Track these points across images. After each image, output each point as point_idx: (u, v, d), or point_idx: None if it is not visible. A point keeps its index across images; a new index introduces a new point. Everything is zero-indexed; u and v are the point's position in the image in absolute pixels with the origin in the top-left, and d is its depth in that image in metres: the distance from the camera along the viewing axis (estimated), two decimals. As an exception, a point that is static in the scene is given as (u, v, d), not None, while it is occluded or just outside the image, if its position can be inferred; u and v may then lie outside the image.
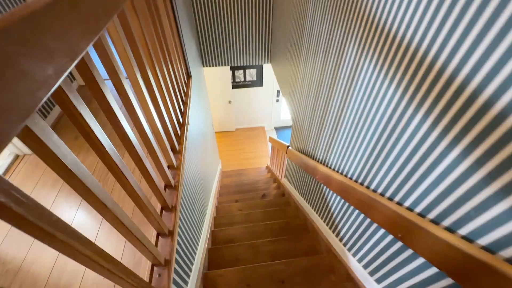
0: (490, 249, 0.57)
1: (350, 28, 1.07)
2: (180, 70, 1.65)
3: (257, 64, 3.34)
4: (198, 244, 1.62)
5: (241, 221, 2.29)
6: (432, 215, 0.73)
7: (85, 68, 0.55)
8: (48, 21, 0.39)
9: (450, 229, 0.67)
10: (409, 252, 0.86)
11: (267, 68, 5.00)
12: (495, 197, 0.55)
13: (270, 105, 5.66)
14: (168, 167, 1.21)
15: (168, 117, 1.20)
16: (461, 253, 0.61)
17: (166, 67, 1.26)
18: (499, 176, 0.53)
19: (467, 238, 0.62)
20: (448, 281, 0.71)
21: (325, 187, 1.57)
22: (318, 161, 1.65)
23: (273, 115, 5.84)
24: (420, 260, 0.81)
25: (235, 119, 5.76)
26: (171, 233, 1.06)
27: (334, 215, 1.48)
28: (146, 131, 0.85)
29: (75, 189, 0.51)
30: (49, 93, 0.39)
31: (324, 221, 1.66)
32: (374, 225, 1.07)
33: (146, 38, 0.95)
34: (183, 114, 1.59)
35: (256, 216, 2.31)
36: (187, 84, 1.91)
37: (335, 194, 1.42)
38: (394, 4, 0.77)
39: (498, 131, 0.52)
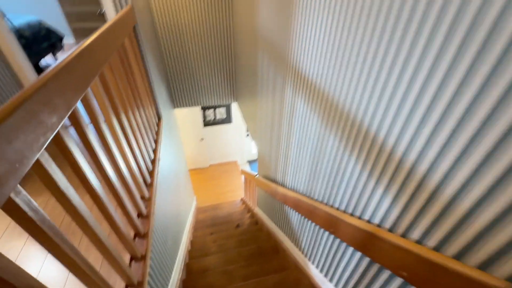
0: (379, 224, 0.79)
1: (286, 74, 1.38)
2: (151, 113, 1.86)
3: (224, 103, 3.67)
4: (172, 270, 1.67)
5: (215, 251, 2.34)
6: (349, 209, 0.95)
7: (74, 115, 0.74)
8: (54, 86, 0.59)
9: (360, 217, 0.89)
10: (344, 245, 1.06)
11: (235, 106, 5.39)
12: (375, 188, 0.79)
13: (241, 140, 5.96)
14: (141, 197, 1.34)
15: (140, 153, 1.36)
16: (365, 232, 0.82)
17: (139, 111, 1.46)
18: (374, 172, 0.78)
19: (369, 221, 0.85)
20: (367, 259, 0.91)
21: (286, 206, 1.76)
22: (278, 184, 1.86)
23: (244, 149, 6.11)
24: (351, 249, 1.01)
25: (208, 156, 5.93)
26: (143, 257, 1.16)
27: (295, 230, 1.66)
28: (120, 165, 1.02)
29: (64, 207, 0.66)
30: (53, 134, 0.58)
31: (290, 238, 1.81)
32: (322, 230, 1.26)
33: (120, 89, 1.16)
34: (155, 151, 1.76)
35: (230, 245, 2.39)
36: (158, 125, 2.11)
37: (293, 210, 1.62)
38: (310, 60, 1.09)
39: (368, 141, 0.78)
